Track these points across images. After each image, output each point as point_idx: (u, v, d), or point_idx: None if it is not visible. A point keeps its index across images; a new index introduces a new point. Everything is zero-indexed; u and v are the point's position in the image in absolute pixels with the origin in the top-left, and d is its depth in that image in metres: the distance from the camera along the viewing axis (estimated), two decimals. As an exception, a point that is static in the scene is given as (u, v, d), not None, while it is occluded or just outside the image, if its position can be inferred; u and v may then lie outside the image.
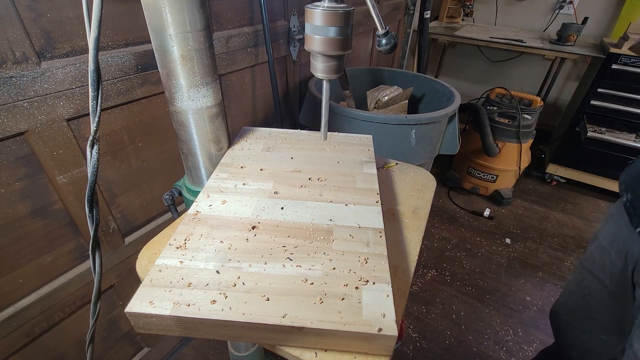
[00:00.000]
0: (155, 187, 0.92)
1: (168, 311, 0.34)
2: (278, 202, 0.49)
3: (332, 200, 0.50)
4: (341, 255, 0.40)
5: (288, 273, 0.38)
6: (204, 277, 0.37)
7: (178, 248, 0.41)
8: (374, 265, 0.39)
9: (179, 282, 0.37)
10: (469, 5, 2.36)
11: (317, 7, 0.39)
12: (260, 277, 0.37)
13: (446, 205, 2.01)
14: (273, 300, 0.35)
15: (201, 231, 0.44)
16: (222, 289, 0.36)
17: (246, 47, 1.02)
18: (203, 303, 0.35)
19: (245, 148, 0.62)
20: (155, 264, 0.39)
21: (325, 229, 0.44)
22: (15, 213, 0.66)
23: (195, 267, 0.39)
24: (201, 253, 0.41)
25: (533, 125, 1.80)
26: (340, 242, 0.42)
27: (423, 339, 1.30)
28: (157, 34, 0.46)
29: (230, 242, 0.42)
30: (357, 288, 0.37)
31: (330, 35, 0.40)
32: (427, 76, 1.53)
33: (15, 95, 0.59)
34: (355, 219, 0.46)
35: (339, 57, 0.43)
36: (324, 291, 0.36)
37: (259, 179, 0.54)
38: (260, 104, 1.20)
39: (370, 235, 0.43)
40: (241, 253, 0.41)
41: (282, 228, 0.44)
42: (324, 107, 0.50)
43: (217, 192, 0.51)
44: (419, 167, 0.67)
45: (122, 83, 0.74)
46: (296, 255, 0.40)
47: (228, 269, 0.38)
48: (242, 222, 0.45)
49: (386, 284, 0.37)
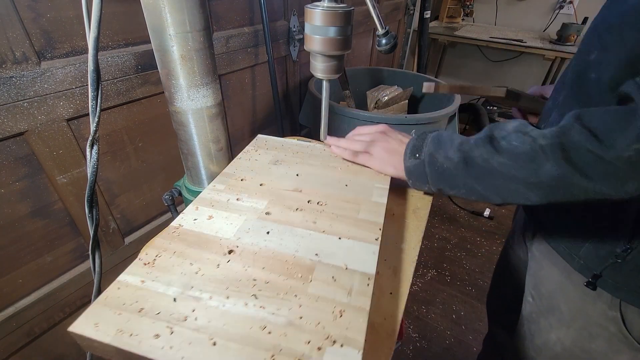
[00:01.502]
0: (155, 187, 0.92)
1: (109, 338, 0.31)
2: (266, 225, 0.44)
3: (325, 230, 0.43)
4: (314, 301, 0.34)
5: (248, 314, 0.33)
6: (159, 304, 0.34)
7: (146, 264, 0.38)
8: (349, 322, 0.33)
9: (132, 306, 0.33)
10: (469, 5, 2.36)
11: (316, 7, 0.39)
12: (216, 314, 0.33)
13: (446, 205, 2.01)
14: (219, 346, 0.31)
15: (175, 248, 0.40)
16: (172, 322, 0.32)
17: (246, 47, 1.02)
18: (146, 336, 0.31)
19: (252, 158, 0.58)
20: (117, 279, 0.36)
21: (306, 265, 0.38)
22: (15, 213, 0.66)
23: (155, 290, 0.35)
24: (166, 274, 0.37)
25: (533, 125, 1.80)
26: (319, 285, 0.36)
27: (423, 339, 1.30)
28: (157, 34, 0.46)
29: (199, 266, 0.38)
30: (320, 349, 0.31)
31: (330, 35, 0.40)
32: (427, 76, 1.53)
33: (15, 95, 0.59)
34: (344, 258, 0.39)
35: (339, 57, 0.43)
36: (280, 346, 0.31)
37: (255, 196, 0.49)
38: (260, 104, 1.20)
39: (356, 281, 0.37)
40: (207, 281, 0.36)
41: (260, 257, 0.39)
42: (323, 107, 0.51)
43: (207, 205, 0.47)
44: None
45: (122, 83, 0.74)
46: (264, 293, 0.35)
47: (186, 298, 0.34)
48: (220, 243, 0.41)
49: (357, 350, 0.30)
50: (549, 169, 0.37)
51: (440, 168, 0.46)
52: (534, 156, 0.38)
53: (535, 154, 0.38)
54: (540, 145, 0.38)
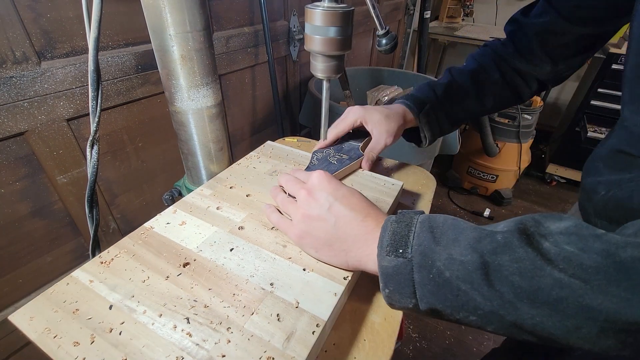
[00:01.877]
0: (155, 187, 0.92)
1: (35, 335, 0.30)
2: (233, 240, 0.41)
3: (292, 257, 0.39)
4: (246, 340, 0.30)
5: (172, 339, 0.30)
6: (94, 309, 0.33)
7: (102, 263, 0.37)
8: None
9: (70, 305, 0.33)
10: (469, 5, 2.36)
11: (317, 7, 0.39)
12: (141, 332, 0.31)
13: (446, 206, 2.01)
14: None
15: (136, 251, 0.39)
16: (97, 331, 0.31)
17: (246, 47, 1.02)
18: (67, 340, 0.30)
19: (251, 166, 0.56)
20: (71, 274, 0.36)
21: (255, 295, 0.35)
22: (15, 213, 0.66)
23: (98, 292, 0.34)
24: (115, 278, 0.36)
25: (533, 125, 1.81)
26: (259, 321, 0.32)
27: (423, 339, 1.30)
28: (157, 34, 0.46)
29: (149, 275, 0.36)
30: None
31: (330, 35, 0.40)
32: (427, 76, 1.53)
33: (15, 95, 0.59)
34: (299, 293, 0.35)
35: (339, 57, 0.43)
36: None
37: (237, 206, 0.47)
38: (260, 104, 1.20)
39: (301, 325, 0.32)
40: (149, 292, 0.34)
41: (211, 275, 0.37)
42: (324, 107, 0.51)
43: (186, 209, 0.46)
44: (419, 167, 0.67)
45: (122, 83, 0.74)
46: (198, 318, 0.32)
47: (122, 307, 0.33)
48: (180, 253, 0.39)
49: None
50: None
51: (439, 275, 0.28)
52: (623, 275, 0.22)
53: (626, 271, 0.23)
54: (630, 258, 0.23)
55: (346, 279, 0.37)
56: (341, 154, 0.56)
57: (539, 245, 0.26)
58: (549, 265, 0.25)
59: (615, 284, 0.22)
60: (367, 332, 0.37)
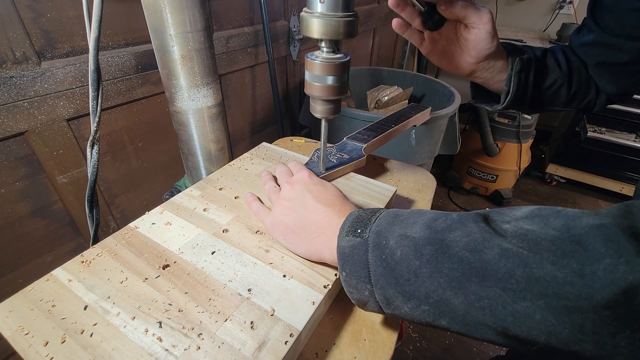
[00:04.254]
0: (155, 187, 0.92)
1: (9, 333, 0.30)
2: (216, 243, 0.40)
3: (273, 263, 0.38)
4: (216, 348, 0.30)
5: (142, 343, 0.30)
6: (69, 309, 0.33)
7: (82, 262, 0.37)
8: None
9: (47, 304, 0.33)
10: (469, 5, 2.36)
11: (316, 58, 0.40)
12: (112, 335, 0.31)
13: (446, 206, 2.01)
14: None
15: (118, 251, 0.39)
16: (69, 332, 0.31)
17: (246, 47, 1.02)
18: (38, 340, 0.30)
19: (243, 167, 0.56)
20: (52, 272, 0.36)
21: (231, 301, 0.34)
22: (16, 213, 0.66)
23: (75, 292, 0.34)
24: (94, 278, 0.36)
25: (533, 125, 1.81)
26: (233, 327, 0.31)
27: (423, 339, 1.30)
28: (157, 34, 0.46)
29: (127, 276, 0.36)
30: None
31: (328, 83, 0.42)
32: (427, 76, 1.53)
33: (15, 95, 0.59)
34: (276, 300, 0.34)
35: (337, 101, 0.45)
36: None
37: (224, 209, 0.46)
38: (261, 104, 1.20)
39: (274, 334, 0.31)
40: (125, 294, 0.34)
41: (190, 279, 0.36)
42: (322, 142, 0.49)
43: (173, 210, 0.45)
44: (419, 167, 0.67)
45: (122, 83, 0.74)
46: (171, 322, 0.32)
47: (96, 308, 0.33)
48: (161, 255, 0.39)
49: None
50: (606, 271, 0.19)
51: (391, 256, 0.27)
52: (577, 247, 0.21)
53: (582, 243, 0.21)
54: (589, 225, 0.21)
55: (326, 287, 0.36)
56: (342, 153, 0.55)
57: (496, 225, 0.25)
58: (499, 237, 0.23)
59: (569, 256, 0.20)
60: (367, 332, 0.37)
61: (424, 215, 0.29)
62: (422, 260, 0.26)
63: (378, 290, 0.28)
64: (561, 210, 0.23)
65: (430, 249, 0.25)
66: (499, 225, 0.25)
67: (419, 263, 0.26)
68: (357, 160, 0.54)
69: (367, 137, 0.60)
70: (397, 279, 0.27)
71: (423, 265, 0.25)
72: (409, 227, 0.28)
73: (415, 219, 0.29)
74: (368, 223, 0.31)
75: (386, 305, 0.29)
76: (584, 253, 0.20)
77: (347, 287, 0.31)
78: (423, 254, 0.26)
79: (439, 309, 0.25)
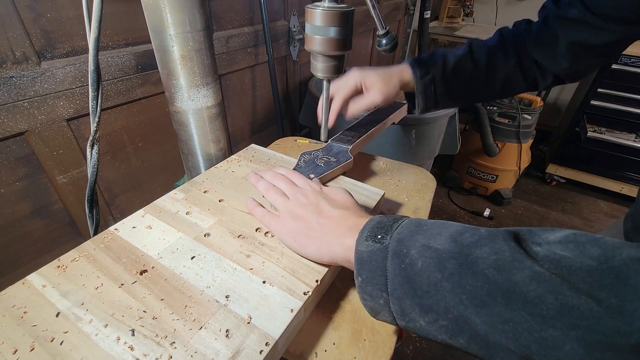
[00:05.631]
0: (155, 187, 0.92)
1: None
2: (196, 248, 0.39)
3: (253, 268, 0.37)
4: (189, 356, 0.29)
5: (112, 352, 0.29)
6: (41, 315, 0.32)
7: (58, 267, 0.36)
8: None
9: (19, 310, 0.32)
10: (469, 5, 2.36)
11: (317, 7, 0.39)
12: (82, 343, 0.30)
13: (446, 206, 2.01)
14: None
15: (95, 255, 0.38)
16: (39, 339, 0.30)
17: (246, 47, 1.02)
18: (6, 348, 0.29)
19: (230, 169, 0.54)
20: (27, 277, 0.35)
21: (208, 308, 0.33)
22: (16, 213, 0.66)
23: (48, 298, 0.33)
24: (68, 284, 0.35)
25: (533, 125, 1.81)
26: (207, 336, 0.30)
27: (423, 339, 1.30)
28: (157, 34, 0.46)
29: (103, 282, 0.35)
30: None
31: (330, 35, 0.40)
32: (427, 76, 1.52)
33: (15, 95, 0.59)
34: (254, 307, 0.33)
35: (339, 57, 0.43)
36: None
37: (207, 212, 0.45)
38: (260, 104, 1.20)
39: (249, 343, 0.30)
40: (99, 300, 0.33)
41: (166, 285, 0.35)
42: (324, 107, 0.51)
43: (155, 213, 0.44)
44: (419, 167, 0.67)
45: (122, 83, 0.74)
46: (144, 330, 0.31)
47: (69, 316, 0.32)
48: (139, 260, 0.38)
49: None
50: None
51: (411, 266, 0.26)
52: (616, 280, 0.19)
53: (621, 276, 0.19)
54: (630, 257, 0.20)
55: (306, 294, 0.35)
56: (329, 157, 0.55)
57: (527, 246, 0.23)
58: (530, 259, 0.22)
59: (607, 289, 0.19)
60: (367, 332, 0.37)
61: (449, 227, 0.28)
62: (445, 273, 0.24)
63: (394, 300, 0.27)
64: (599, 239, 0.22)
65: (454, 263, 0.24)
66: (529, 247, 0.23)
67: (441, 276, 0.24)
68: (345, 163, 0.53)
69: (352, 137, 0.60)
70: (416, 290, 0.26)
71: (445, 279, 0.24)
72: (433, 237, 0.27)
73: (440, 229, 0.28)
74: (390, 230, 0.30)
75: (401, 316, 0.27)
76: (623, 288, 0.19)
77: (361, 294, 0.30)
78: (446, 267, 0.24)
79: (458, 326, 0.24)
